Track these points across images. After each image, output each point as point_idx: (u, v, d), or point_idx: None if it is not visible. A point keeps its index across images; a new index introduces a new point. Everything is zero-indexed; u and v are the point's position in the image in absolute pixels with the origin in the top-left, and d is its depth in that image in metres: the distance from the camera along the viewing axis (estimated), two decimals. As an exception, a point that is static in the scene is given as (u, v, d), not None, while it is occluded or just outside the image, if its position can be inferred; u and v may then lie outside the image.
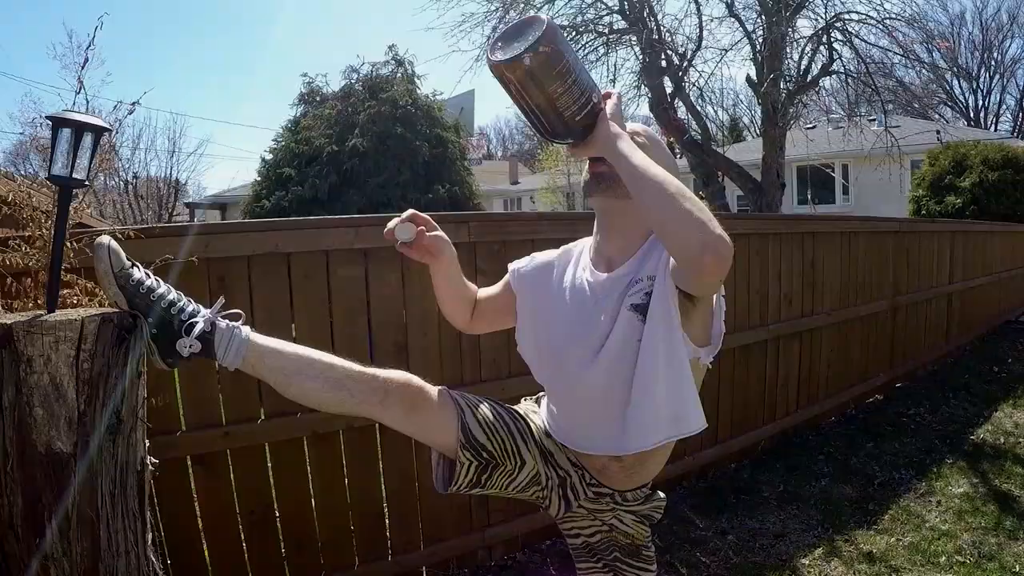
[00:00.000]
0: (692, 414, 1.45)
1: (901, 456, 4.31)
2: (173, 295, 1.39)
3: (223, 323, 1.39)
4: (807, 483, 3.91)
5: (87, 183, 1.45)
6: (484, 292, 1.80)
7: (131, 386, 1.36)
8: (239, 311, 1.44)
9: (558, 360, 1.58)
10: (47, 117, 1.42)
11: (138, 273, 1.36)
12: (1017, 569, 2.92)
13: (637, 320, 1.43)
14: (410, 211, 1.58)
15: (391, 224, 1.55)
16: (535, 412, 1.70)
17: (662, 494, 1.75)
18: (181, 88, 55.14)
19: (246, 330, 1.40)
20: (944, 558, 3.04)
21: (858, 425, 4.99)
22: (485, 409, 1.56)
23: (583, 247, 1.67)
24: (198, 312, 1.39)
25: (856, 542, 3.22)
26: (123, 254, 1.35)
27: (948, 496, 3.71)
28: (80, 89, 1.78)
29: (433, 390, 1.50)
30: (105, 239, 1.33)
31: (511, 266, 1.76)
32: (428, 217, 1.60)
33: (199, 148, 56.13)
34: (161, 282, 1.40)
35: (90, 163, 1.44)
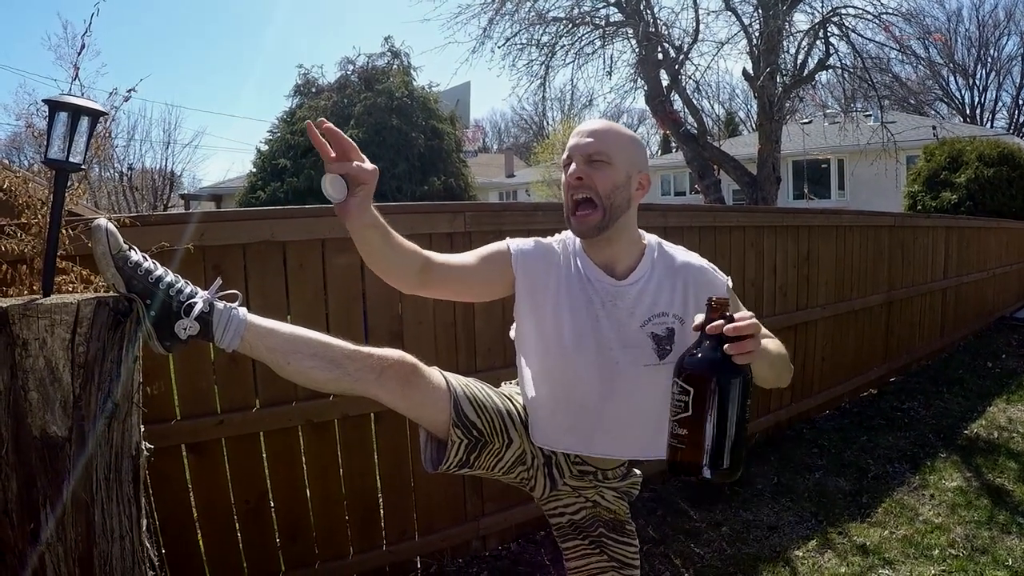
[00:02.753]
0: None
1: (895, 450, 4.32)
2: (171, 277, 1.38)
3: (220, 304, 1.39)
4: (801, 476, 3.93)
5: (83, 167, 1.44)
6: (451, 260, 1.59)
7: (127, 370, 1.36)
8: (236, 292, 1.44)
9: (569, 356, 1.61)
10: (43, 101, 1.40)
11: (135, 255, 1.35)
12: (1010, 562, 2.93)
13: (650, 348, 1.58)
14: (359, 165, 1.35)
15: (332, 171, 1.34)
16: (518, 394, 1.72)
17: (638, 471, 1.82)
18: (177, 79, 54.97)
19: (243, 311, 1.40)
20: (937, 551, 3.06)
21: (852, 418, 5.00)
22: (474, 388, 1.59)
23: (570, 240, 1.70)
24: (196, 293, 1.38)
25: (849, 534, 3.24)
26: (120, 236, 1.34)
27: (941, 490, 3.72)
28: (76, 76, 1.76)
29: (426, 368, 1.52)
30: (103, 221, 1.32)
31: (512, 247, 1.64)
32: (361, 169, 1.35)
33: (194, 139, 56.21)
34: (158, 264, 1.39)
35: (86, 148, 1.43)
